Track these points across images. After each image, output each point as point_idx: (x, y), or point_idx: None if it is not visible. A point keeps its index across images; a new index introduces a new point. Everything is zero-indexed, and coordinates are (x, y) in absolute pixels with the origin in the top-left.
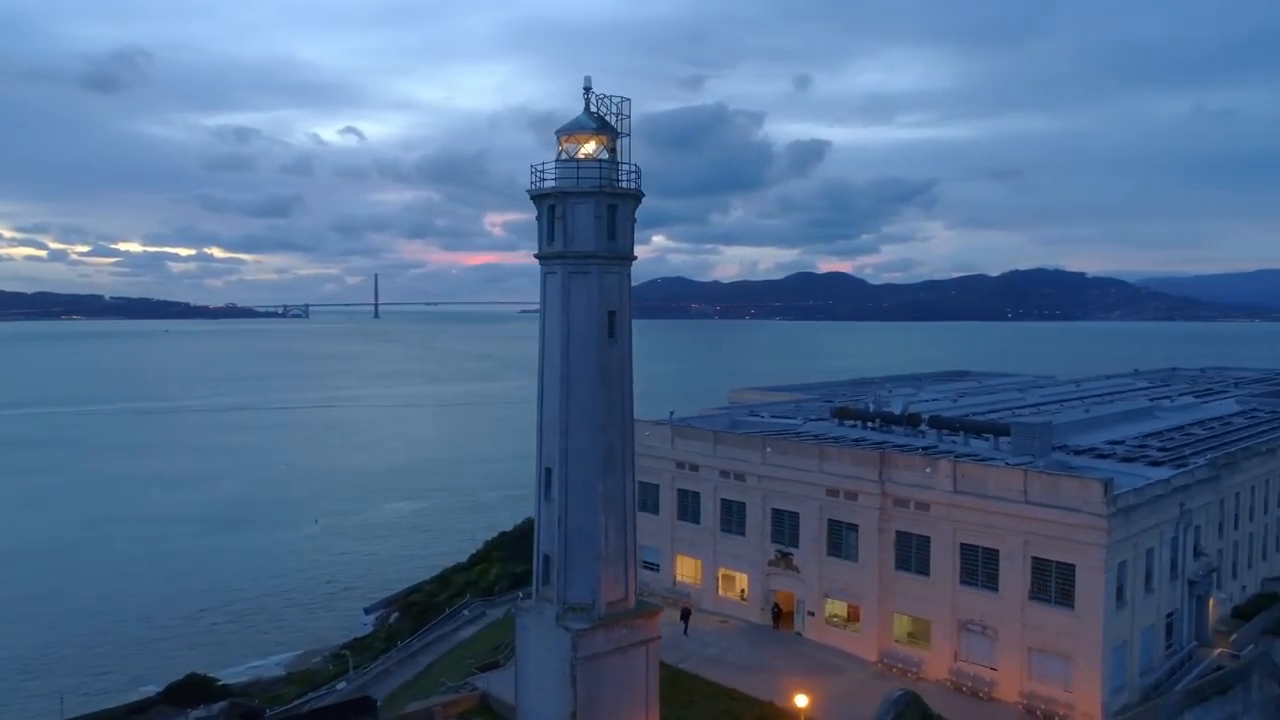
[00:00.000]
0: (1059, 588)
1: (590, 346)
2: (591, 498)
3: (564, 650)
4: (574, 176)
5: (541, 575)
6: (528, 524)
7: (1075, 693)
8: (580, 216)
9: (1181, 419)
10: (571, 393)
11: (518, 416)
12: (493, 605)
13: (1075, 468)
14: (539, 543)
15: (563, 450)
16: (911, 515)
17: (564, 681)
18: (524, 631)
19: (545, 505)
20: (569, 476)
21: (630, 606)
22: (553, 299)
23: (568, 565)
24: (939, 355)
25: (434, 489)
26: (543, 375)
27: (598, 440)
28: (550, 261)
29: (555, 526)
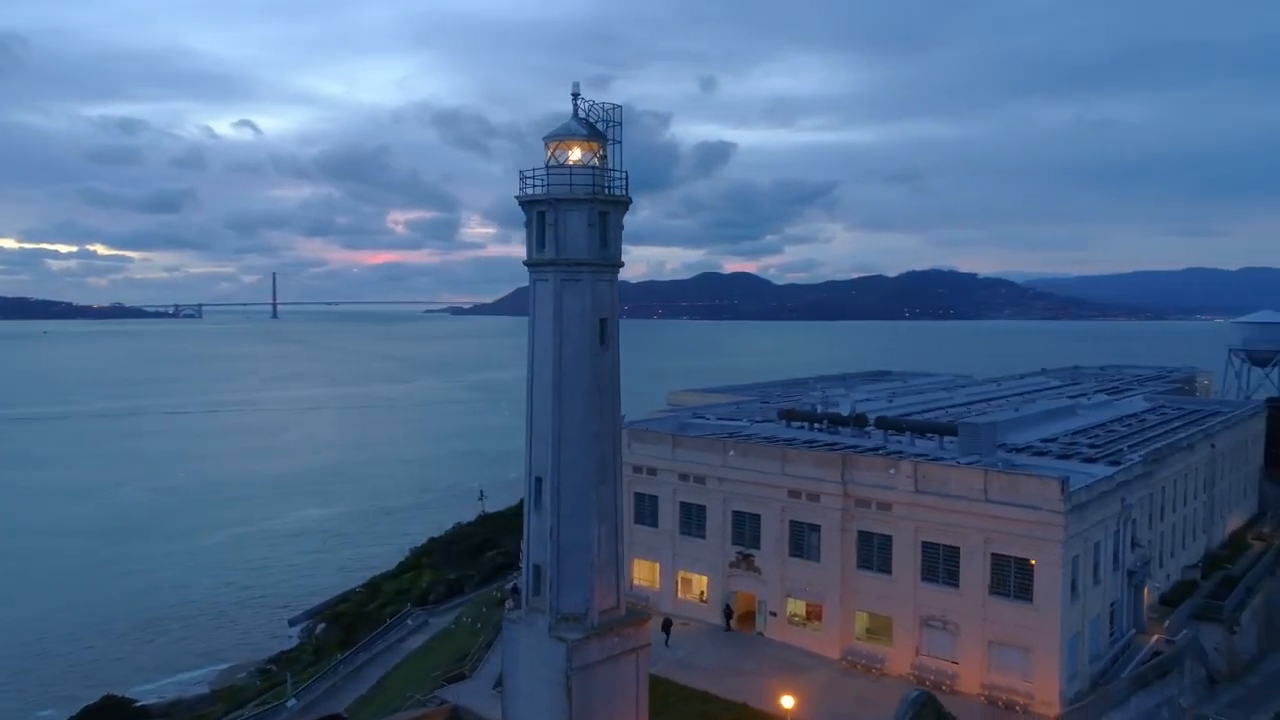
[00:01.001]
0: (1018, 582)
1: (583, 354)
2: (585, 507)
3: (558, 661)
4: (566, 183)
5: (532, 586)
6: (459, 530)
7: (1034, 682)
8: (573, 224)
9: (1101, 416)
10: (564, 401)
11: (429, 419)
12: (435, 614)
13: (1020, 466)
14: (528, 553)
15: (555, 460)
16: (874, 515)
17: (557, 692)
18: (513, 643)
19: (535, 515)
20: (561, 486)
21: (621, 614)
22: (544, 306)
23: (560, 575)
24: (844, 354)
25: (344, 494)
26: (532, 383)
27: (590, 449)
28: (542, 269)
29: (547, 536)
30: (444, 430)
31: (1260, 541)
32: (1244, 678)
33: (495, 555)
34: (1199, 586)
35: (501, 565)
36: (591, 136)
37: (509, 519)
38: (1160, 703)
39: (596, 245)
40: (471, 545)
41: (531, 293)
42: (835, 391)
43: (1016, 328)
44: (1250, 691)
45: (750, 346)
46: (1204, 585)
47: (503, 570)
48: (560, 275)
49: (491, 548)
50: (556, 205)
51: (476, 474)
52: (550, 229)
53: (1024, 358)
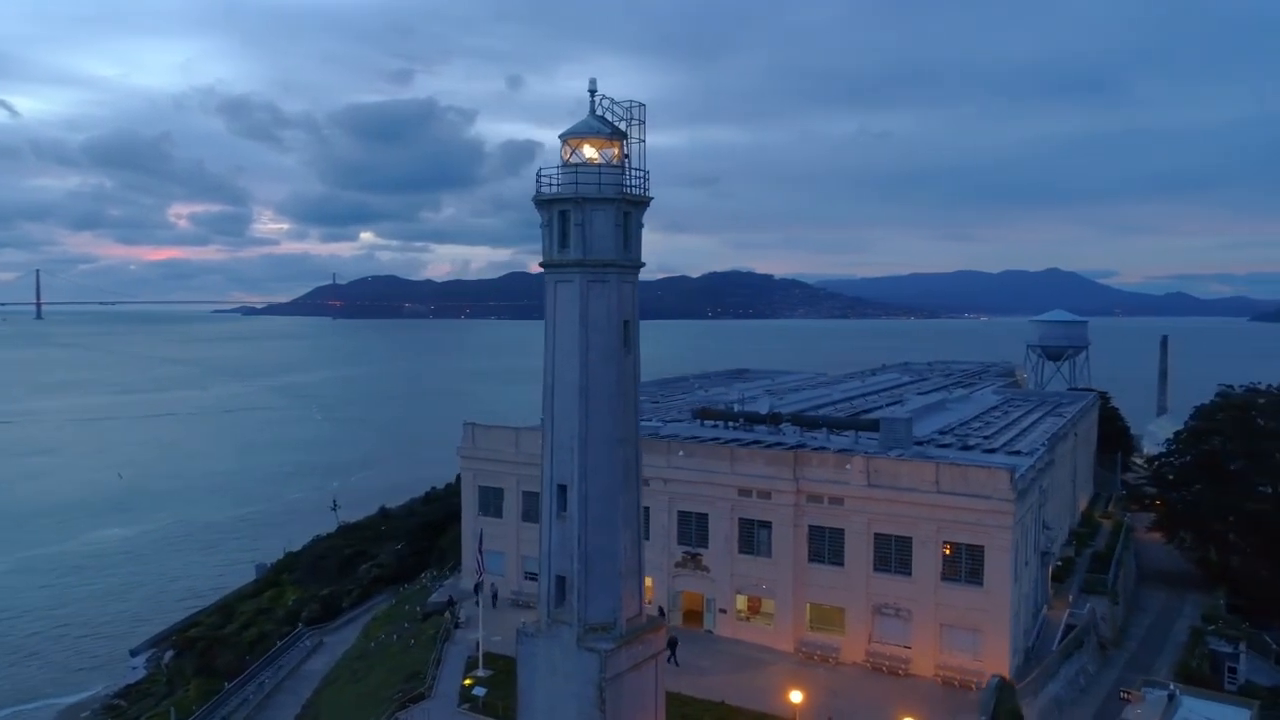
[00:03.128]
0: (968, 568)
1: (609, 358)
2: (611, 514)
3: (589, 673)
4: (594, 182)
5: (555, 597)
6: (320, 544)
7: (985, 661)
8: (599, 224)
9: (972, 409)
10: (591, 406)
11: (236, 428)
12: (329, 632)
13: (933, 457)
14: (549, 564)
15: (581, 466)
16: (825, 510)
17: (588, 706)
18: (530, 659)
19: (558, 524)
20: (588, 493)
21: (643, 621)
22: (568, 309)
23: (588, 585)
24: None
25: (149, 511)
26: (553, 388)
27: (616, 454)
28: (566, 270)
29: (574, 545)
30: (256, 440)
31: (1107, 520)
32: (1124, 644)
33: (370, 568)
34: (1075, 563)
35: (378, 578)
36: (614, 135)
37: (375, 529)
38: (1078, 671)
39: (620, 245)
40: (341, 559)
41: (551, 295)
42: (716, 389)
43: (810, 326)
44: (1133, 655)
45: None
46: (1078, 562)
47: (380, 584)
48: (586, 277)
49: (363, 560)
50: (582, 205)
51: (305, 486)
52: (576, 229)
53: (827, 354)
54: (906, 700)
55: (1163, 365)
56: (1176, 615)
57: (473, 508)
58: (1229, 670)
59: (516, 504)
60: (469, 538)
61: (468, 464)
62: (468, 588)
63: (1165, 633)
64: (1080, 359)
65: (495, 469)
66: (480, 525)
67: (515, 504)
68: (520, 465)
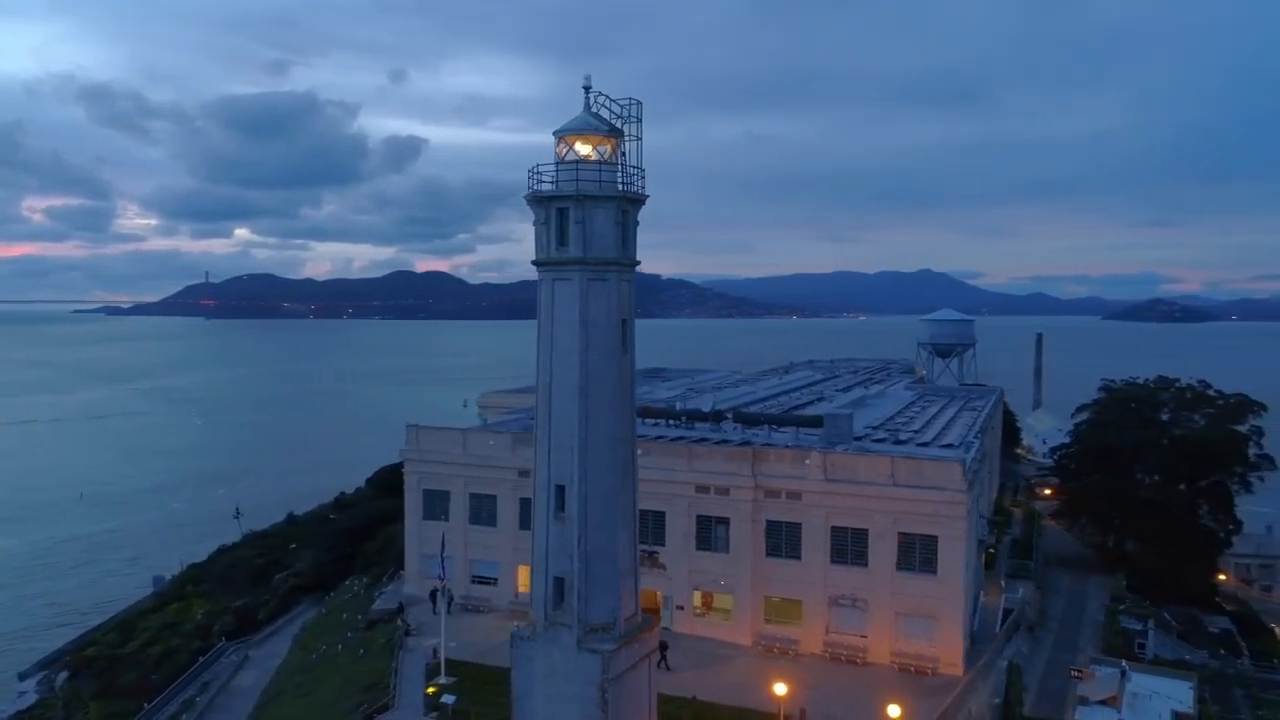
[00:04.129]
0: (923, 557)
1: (609, 357)
2: (611, 514)
3: (591, 674)
4: (596, 180)
5: (553, 599)
6: (226, 554)
7: (940, 647)
8: (599, 222)
9: (893, 405)
10: (591, 406)
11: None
12: (253, 646)
13: (876, 451)
14: (546, 565)
15: (581, 467)
16: (783, 505)
17: (590, 707)
18: (526, 663)
19: (556, 525)
20: (588, 493)
21: (638, 621)
22: (567, 308)
23: (588, 585)
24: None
25: (17, 525)
26: (551, 388)
27: (615, 454)
28: (564, 268)
29: (574, 546)
30: (131, 447)
31: (1018, 508)
32: (1047, 625)
33: (287, 577)
34: (998, 550)
35: (296, 588)
36: (611, 132)
37: (286, 537)
38: (1017, 652)
39: (620, 244)
40: (253, 569)
41: (548, 293)
42: (642, 388)
43: (699, 325)
44: (1058, 635)
45: (452, 346)
46: (1000, 549)
47: (299, 593)
48: (587, 275)
49: (278, 569)
50: (583, 202)
51: (189, 495)
52: (576, 227)
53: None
54: (868, 688)
55: (1038, 361)
56: (1084, 597)
57: (417, 512)
58: (1139, 645)
59: (464, 507)
60: (413, 542)
61: (411, 467)
62: (413, 593)
63: (1079, 613)
64: (968, 356)
65: (441, 471)
66: (426, 530)
67: (462, 507)
68: (467, 467)
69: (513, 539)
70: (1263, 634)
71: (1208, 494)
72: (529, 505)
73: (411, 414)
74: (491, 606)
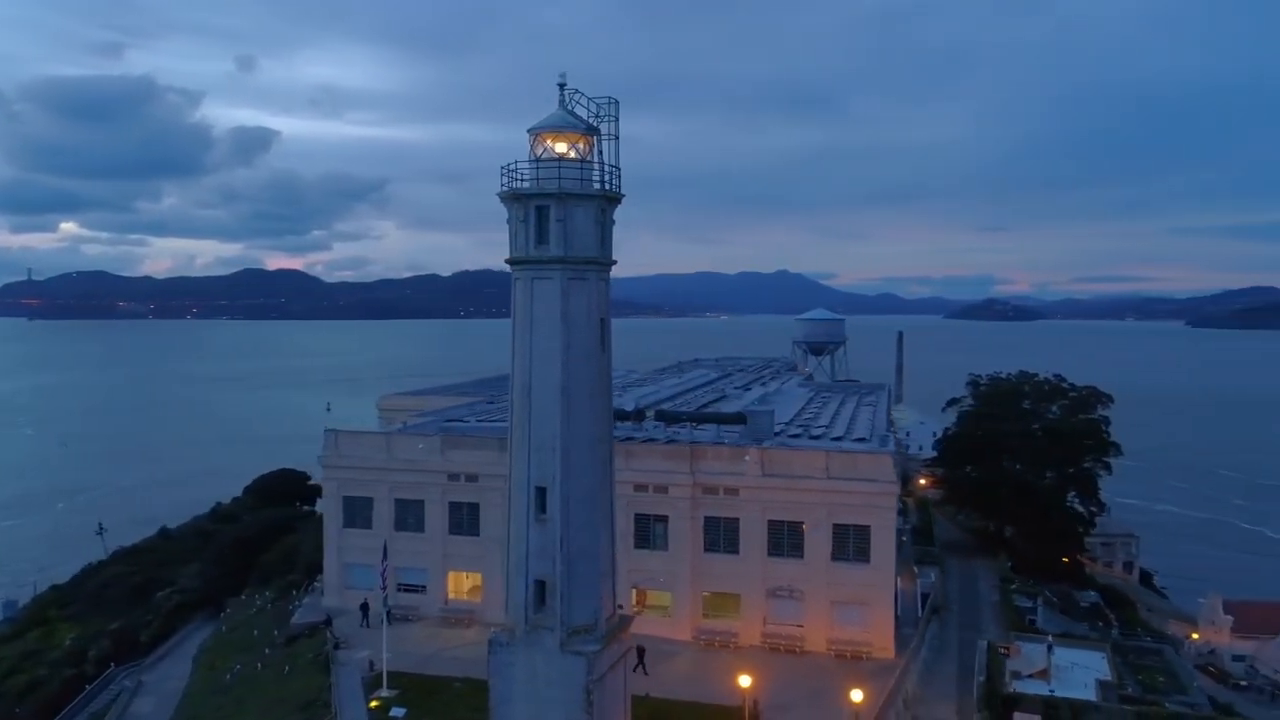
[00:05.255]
0: (856, 547)
1: (589, 357)
2: (593, 514)
3: (575, 677)
4: (577, 178)
5: (533, 602)
6: (91, 574)
7: (872, 632)
8: (580, 220)
9: (796, 401)
10: (572, 406)
11: None
12: (146, 670)
13: (792, 446)
14: (526, 568)
15: (563, 468)
16: (721, 501)
17: (575, 710)
18: (507, 669)
19: (537, 527)
20: (570, 494)
21: (616, 621)
22: (547, 307)
23: (571, 587)
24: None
25: None
26: (530, 389)
27: (595, 454)
28: (546, 267)
29: (556, 548)
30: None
31: (910, 497)
32: (950, 606)
33: (170, 594)
34: (906, 536)
35: (182, 605)
36: (589, 130)
37: (162, 553)
38: (936, 633)
39: (599, 243)
40: (129, 587)
41: (526, 292)
42: None
43: None
44: (961, 616)
45: (308, 347)
46: (903, 535)
47: (186, 611)
48: (568, 274)
49: (160, 586)
50: (564, 200)
51: (25, 510)
52: (558, 225)
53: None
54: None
55: (899, 359)
56: (975, 579)
57: (336, 520)
58: (1029, 621)
59: (388, 513)
60: (333, 552)
61: (331, 473)
62: (334, 605)
63: (975, 594)
64: (839, 354)
65: (363, 477)
66: (347, 538)
67: (387, 513)
68: (392, 472)
69: (442, 545)
70: (1126, 605)
71: (1075, 479)
72: (458, 510)
73: (272, 419)
74: (421, 615)
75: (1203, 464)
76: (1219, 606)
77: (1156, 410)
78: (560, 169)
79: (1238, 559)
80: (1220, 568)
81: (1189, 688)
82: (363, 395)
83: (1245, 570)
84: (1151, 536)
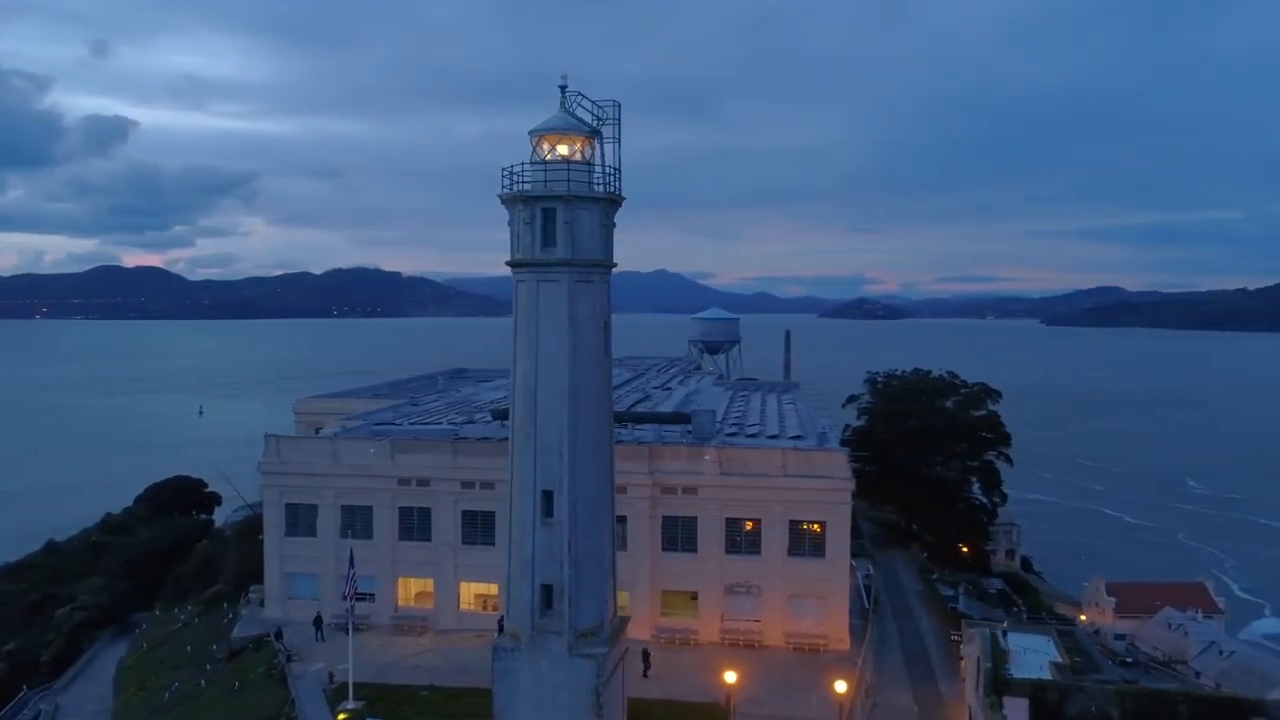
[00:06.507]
0: (812, 542)
1: (597, 360)
2: (598, 517)
3: (584, 680)
4: (585, 180)
5: (539, 606)
6: None
7: (828, 625)
8: (586, 223)
9: (721, 400)
10: (580, 409)
11: None
12: (60, 693)
13: (746, 445)
14: (532, 572)
15: (571, 471)
16: (679, 500)
17: (583, 713)
18: (510, 675)
19: (544, 531)
20: (577, 497)
21: (617, 622)
22: (554, 309)
23: (578, 590)
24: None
25: None
26: (534, 392)
27: (600, 457)
28: (553, 269)
29: (564, 551)
30: None
31: None
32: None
33: (72, 611)
34: None
35: (85, 623)
36: (592, 133)
37: (54, 568)
38: (876, 624)
39: (604, 246)
40: (25, 605)
41: (531, 294)
42: (468, 389)
43: (443, 324)
44: (893, 606)
45: (171, 349)
46: None
47: (89, 628)
48: (574, 277)
49: (57, 603)
50: (571, 203)
51: None
52: (565, 228)
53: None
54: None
55: (787, 357)
56: (895, 570)
57: (278, 528)
58: (952, 609)
59: (334, 520)
60: (274, 561)
61: (271, 480)
62: (276, 617)
63: (898, 585)
64: (734, 352)
65: (307, 484)
66: (290, 547)
67: (332, 520)
68: (338, 478)
69: (391, 551)
70: (1029, 591)
71: (979, 472)
72: (409, 515)
73: (144, 425)
74: (371, 623)
75: (1064, 455)
76: (1102, 589)
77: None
78: (570, 171)
79: (1103, 544)
80: (1091, 554)
81: (1103, 666)
82: (238, 399)
83: (1111, 554)
84: (1025, 524)
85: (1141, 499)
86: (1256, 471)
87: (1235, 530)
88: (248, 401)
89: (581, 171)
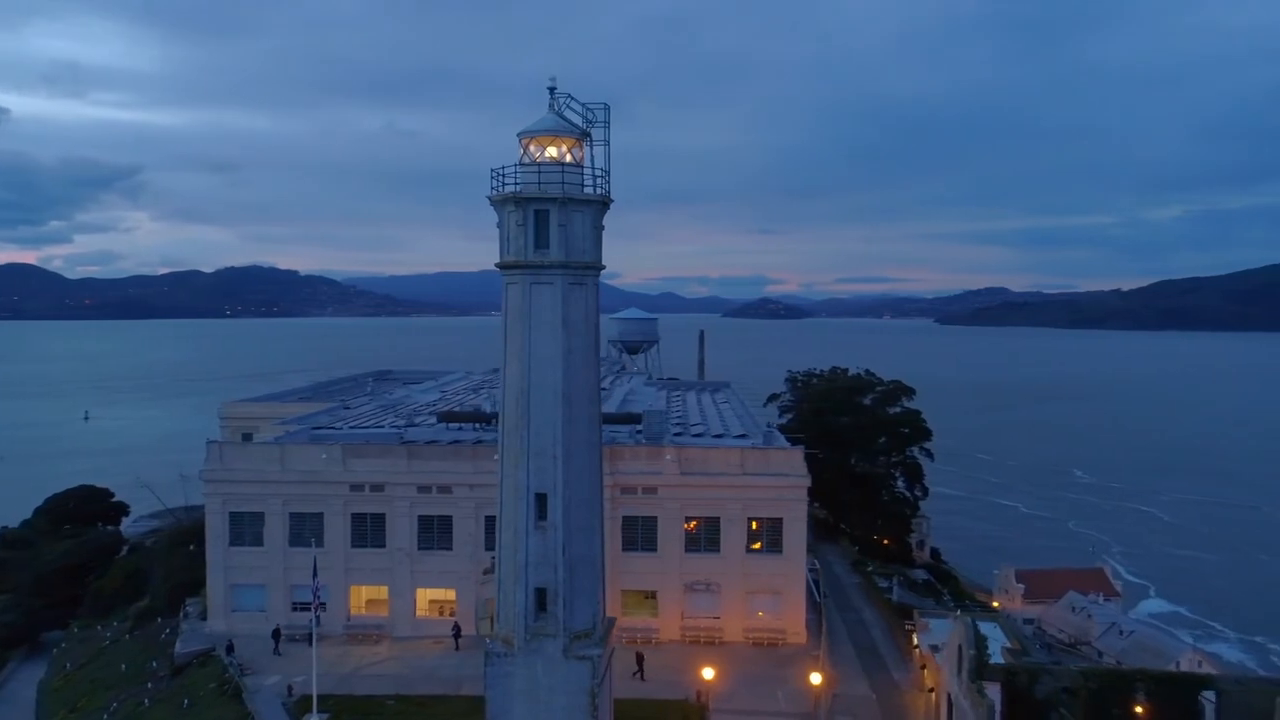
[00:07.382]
0: (770, 539)
1: (589, 362)
2: (591, 519)
3: (580, 682)
4: (578, 183)
5: (533, 610)
6: None
7: (785, 619)
8: (578, 225)
9: (658, 401)
10: (573, 412)
11: None
12: None
13: (677, 444)
14: (526, 576)
15: (565, 473)
16: (639, 499)
17: (579, 715)
18: (503, 680)
19: (537, 534)
20: (570, 500)
21: (607, 624)
22: (547, 312)
23: (573, 593)
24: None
25: None
26: (527, 394)
27: (592, 459)
28: (546, 271)
29: (558, 554)
30: None
31: None
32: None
33: None
34: None
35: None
36: (582, 134)
37: None
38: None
39: (595, 248)
40: None
41: (523, 296)
42: (399, 392)
43: (341, 324)
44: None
45: (48, 351)
46: None
47: (16, 644)
48: (568, 279)
49: None
50: (565, 205)
51: None
52: (559, 230)
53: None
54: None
55: (701, 356)
56: (830, 563)
57: (221, 538)
58: (887, 600)
59: (282, 529)
60: (218, 572)
61: (215, 488)
62: (220, 630)
63: (835, 578)
64: (653, 352)
65: (253, 491)
66: (234, 557)
67: (281, 529)
68: (287, 485)
69: (344, 559)
70: (951, 580)
71: (902, 466)
72: (361, 521)
73: (25, 433)
74: (324, 633)
75: (959, 448)
76: (1012, 576)
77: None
78: (564, 173)
79: (1003, 533)
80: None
81: (1031, 649)
82: (124, 404)
83: (1012, 544)
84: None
85: (1034, 489)
86: (1135, 461)
87: (1120, 517)
88: (136, 406)
89: (575, 174)
